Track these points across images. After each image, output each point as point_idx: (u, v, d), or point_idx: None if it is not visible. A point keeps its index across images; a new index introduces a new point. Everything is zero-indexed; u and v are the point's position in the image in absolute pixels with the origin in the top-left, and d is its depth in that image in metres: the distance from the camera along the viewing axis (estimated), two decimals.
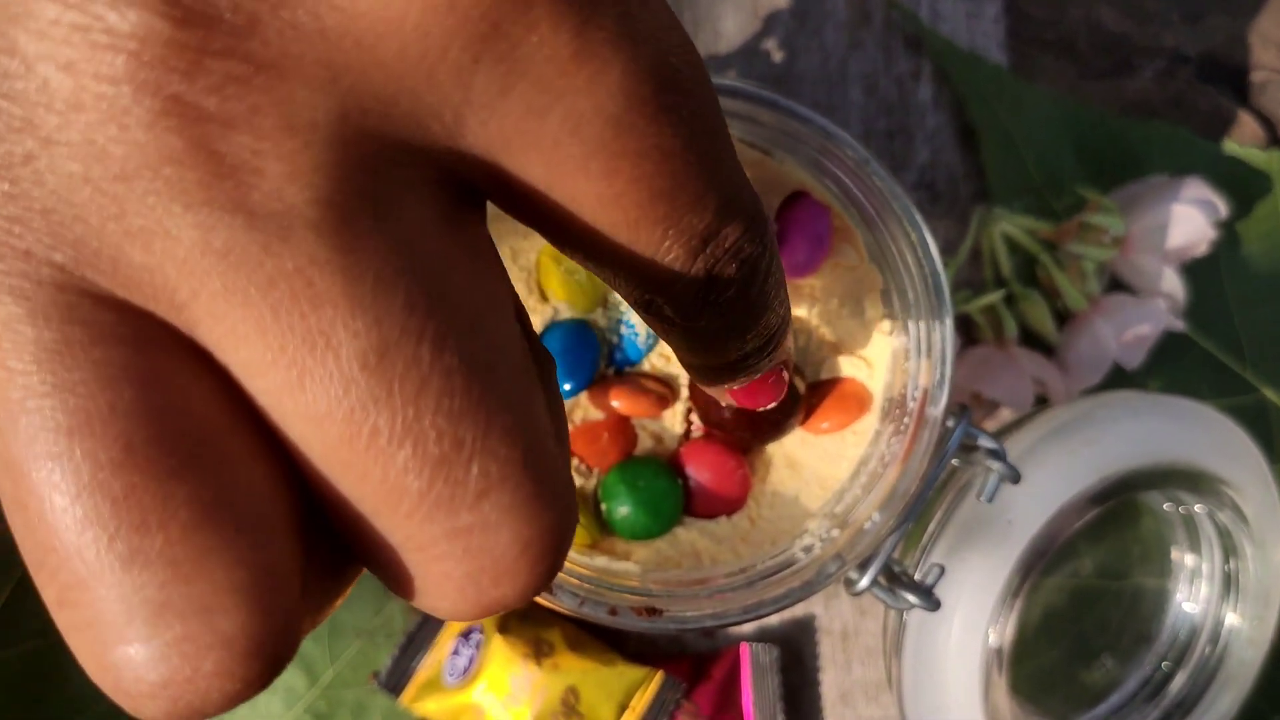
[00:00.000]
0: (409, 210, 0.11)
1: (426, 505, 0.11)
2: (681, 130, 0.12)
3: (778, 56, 0.42)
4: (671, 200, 0.12)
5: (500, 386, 0.11)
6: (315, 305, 0.11)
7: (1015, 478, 0.32)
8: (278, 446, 0.12)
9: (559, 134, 0.11)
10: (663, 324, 0.14)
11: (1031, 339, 0.42)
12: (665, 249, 0.13)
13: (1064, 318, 0.41)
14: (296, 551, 0.12)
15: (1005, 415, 0.43)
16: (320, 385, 0.11)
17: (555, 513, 0.12)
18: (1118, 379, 0.41)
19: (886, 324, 0.32)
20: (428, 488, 0.11)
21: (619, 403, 0.31)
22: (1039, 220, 0.41)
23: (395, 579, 0.12)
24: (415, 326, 0.11)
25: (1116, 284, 0.42)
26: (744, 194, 0.13)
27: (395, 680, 0.39)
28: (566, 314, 0.32)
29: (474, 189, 0.12)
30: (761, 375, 0.16)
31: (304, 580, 0.12)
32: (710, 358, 0.16)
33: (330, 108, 0.10)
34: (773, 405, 0.17)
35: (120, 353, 0.11)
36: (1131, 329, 0.40)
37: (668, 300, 0.13)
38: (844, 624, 0.42)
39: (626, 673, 0.38)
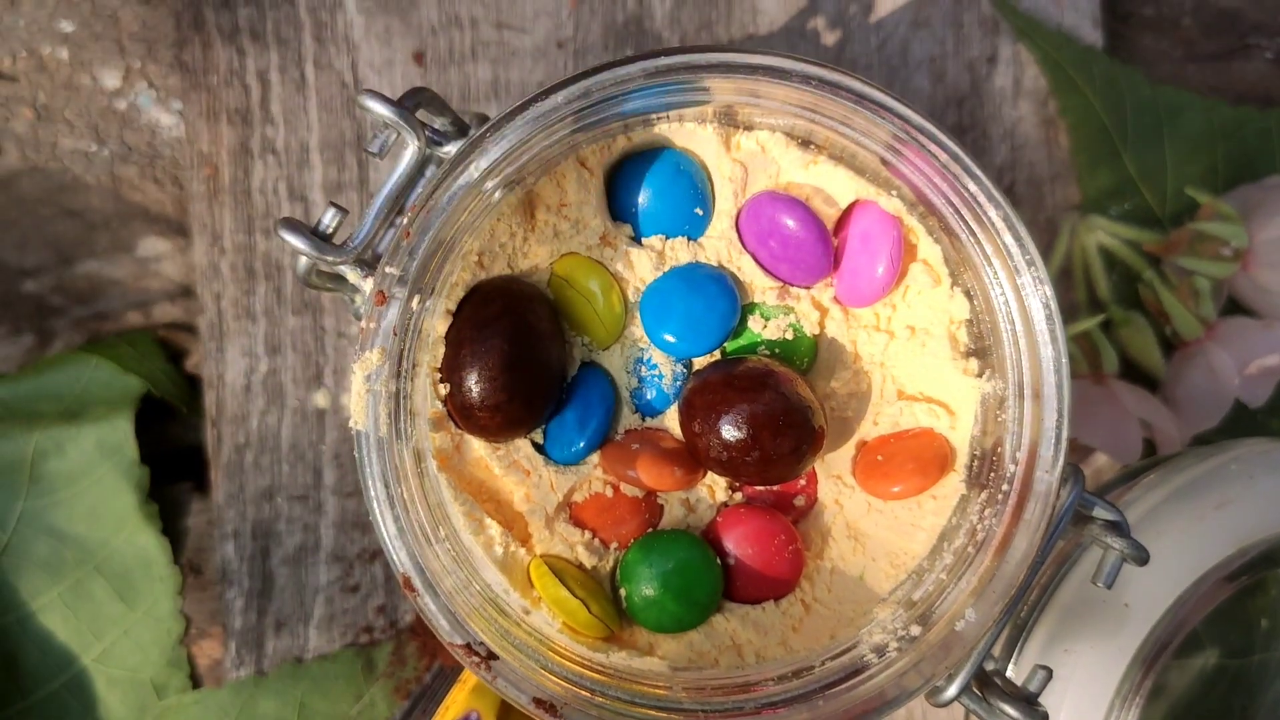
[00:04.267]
0: None
1: None
2: None
3: (828, 38, 0.40)
4: None
5: None
6: None
7: (1143, 558, 0.27)
8: None
9: None
10: None
11: (1134, 372, 0.40)
12: None
13: (1173, 346, 0.40)
14: None
15: (1100, 462, 0.41)
16: None
17: None
18: (1239, 420, 0.40)
19: (974, 363, 0.29)
20: None
21: (643, 475, 0.28)
22: (1141, 230, 0.40)
23: None
24: None
25: (1236, 306, 0.41)
26: None
27: None
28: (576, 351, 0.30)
29: None
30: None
31: None
32: None
33: None
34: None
35: None
36: (1256, 359, 0.38)
37: None
38: (909, 707, 0.40)
39: None
